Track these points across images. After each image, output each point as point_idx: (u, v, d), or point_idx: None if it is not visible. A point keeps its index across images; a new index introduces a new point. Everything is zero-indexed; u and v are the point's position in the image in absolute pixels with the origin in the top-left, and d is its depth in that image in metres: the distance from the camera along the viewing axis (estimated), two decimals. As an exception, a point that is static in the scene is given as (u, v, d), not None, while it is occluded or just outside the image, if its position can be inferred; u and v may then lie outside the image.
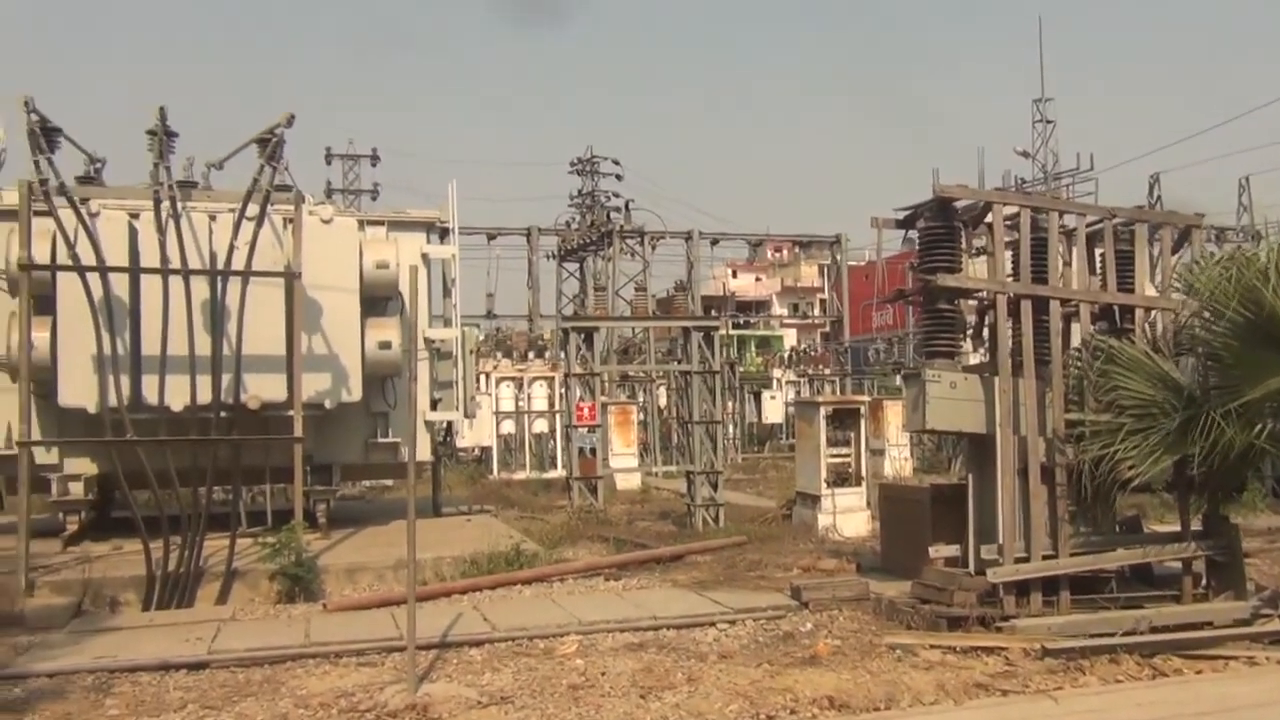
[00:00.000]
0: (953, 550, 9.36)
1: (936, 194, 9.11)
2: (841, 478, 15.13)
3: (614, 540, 13.67)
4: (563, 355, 26.92)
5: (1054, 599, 8.88)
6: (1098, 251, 9.78)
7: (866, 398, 21.57)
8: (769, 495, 20.28)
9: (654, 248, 39.61)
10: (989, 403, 9.01)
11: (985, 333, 9.67)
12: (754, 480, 24.70)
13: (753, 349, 54.49)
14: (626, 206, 40.80)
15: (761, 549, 13.10)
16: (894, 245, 33.29)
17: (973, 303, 9.61)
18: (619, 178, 44.97)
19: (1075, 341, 9.46)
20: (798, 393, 35.60)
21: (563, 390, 25.95)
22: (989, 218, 9.22)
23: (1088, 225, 9.69)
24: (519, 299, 45.44)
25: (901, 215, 9.55)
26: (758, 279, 76.94)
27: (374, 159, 44.83)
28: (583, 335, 17.27)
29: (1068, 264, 9.57)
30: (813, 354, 41.98)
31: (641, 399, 30.63)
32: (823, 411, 15.21)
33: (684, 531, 15.36)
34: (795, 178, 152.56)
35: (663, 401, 31.51)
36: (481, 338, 26.28)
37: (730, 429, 30.50)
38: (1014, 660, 7.74)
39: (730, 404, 30.80)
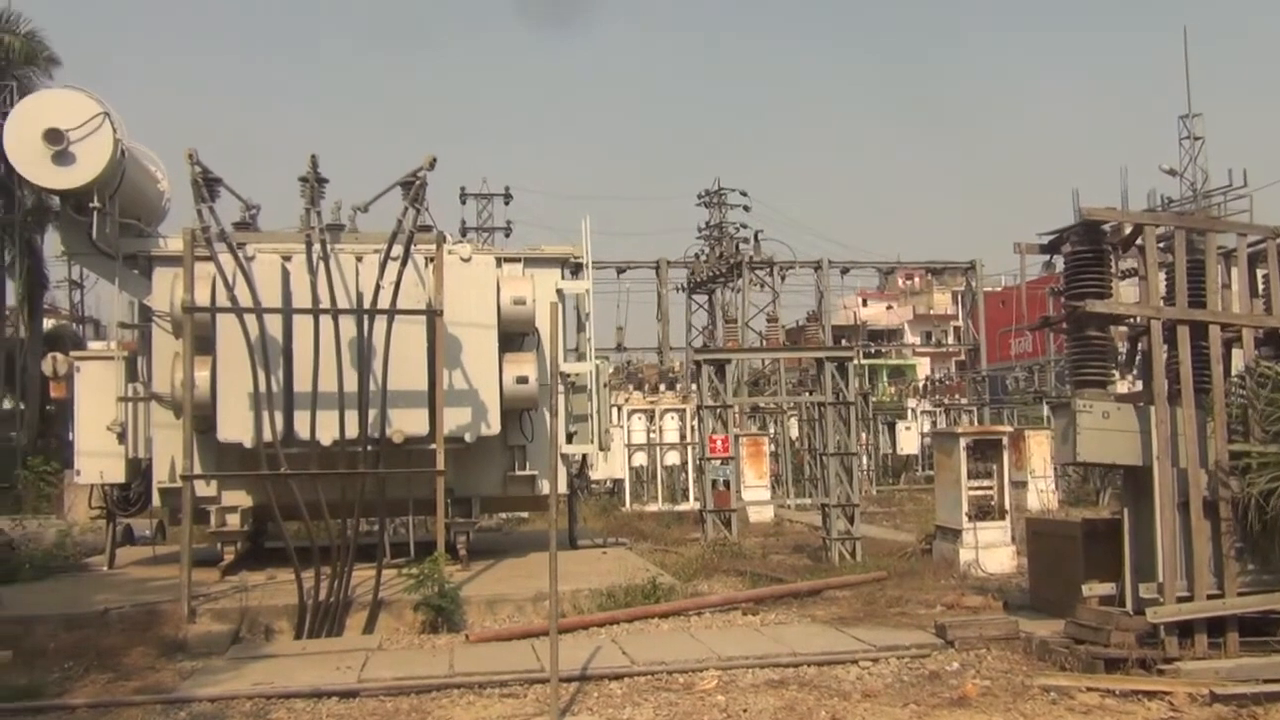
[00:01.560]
0: (1108, 588, 8.95)
1: (1083, 217, 8.81)
2: (983, 511, 14.64)
3: (750, 574, 13.54)
4: (694, 387, 27.04)
5: (1220, 641, 8.39)
6: (1260, 273, 9.28)
7: (1008, 428, 20.88)
8: (906, 529, 19.80)
9: (783, 278, 39.41)
10: (1144, 433, 8.62)
11: (1138, 360, 9.27)
12: (890, 513, 24.15)
13: (885, 378, 53.53)
14: (755, 237, 40.73)
15: (901, 585, 12.77)
16: (1031, 270, 32.24)
17: (1123, 329, 9.24)
18: (746, 209, 44.99)
19: (1237, 368, 8.99)
20: (933, 423, 34.78)
21: (694, 422, 26.07)
22: (1140, 240, 8.86)
23: (1249, 245, 9.21)
24: (648, 332, 45.83)
25: (1046, 239, 9.26)
26: (889, 307, 75.69)
27: (506, 197, 45.87)
28: (715, 367, 17.25)
29: (1227, 286, 9.11)
30: (948, 383, 40.96)
31: (772, 430, 30.39)
32: (963, 442, 14.77)
33: (820, 565, 15.11)
34: (925, 203, 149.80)
35: (794, 433, 31.20)
36: (612, 371, 26.50)
37: (864, 460, 29.96)
38: (1179, 706, 7.34)
39: (864, 435, 30.27)
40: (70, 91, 12.51)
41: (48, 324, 42.51)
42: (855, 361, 17.69)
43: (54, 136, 11.90)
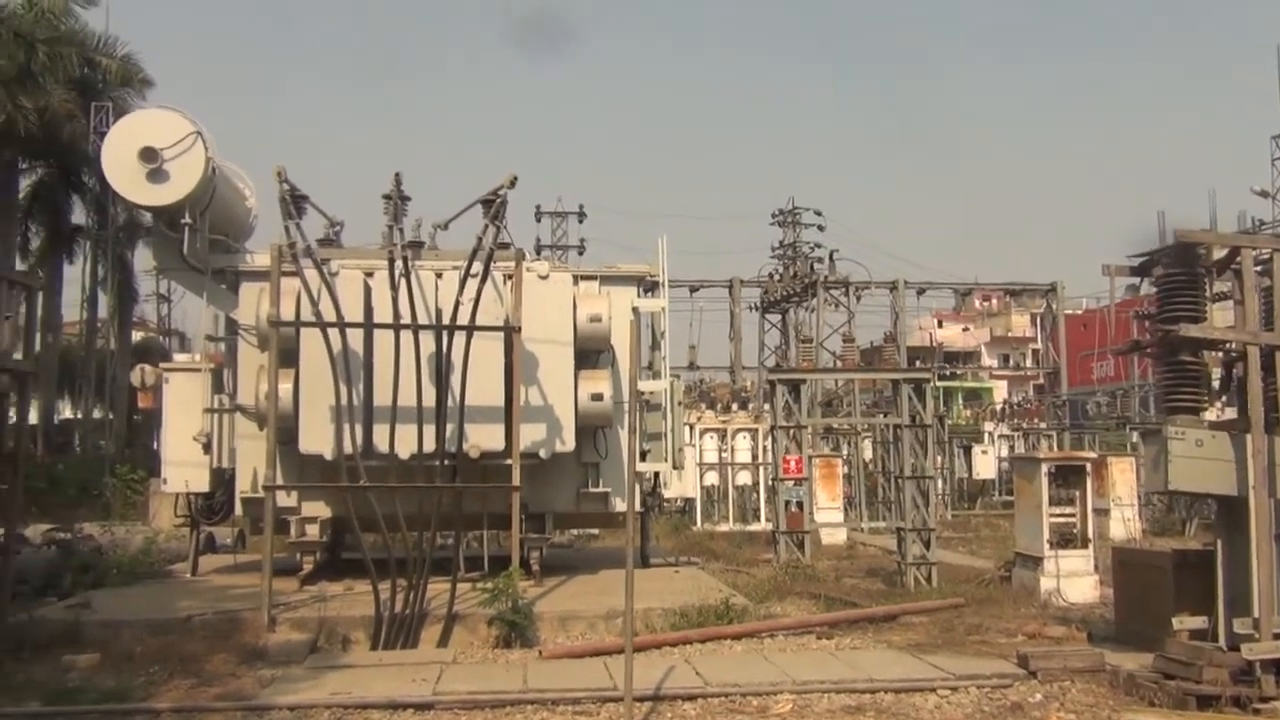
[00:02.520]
0: (1199, 622, 8.66)
1: (1177, 238, 8.57)
2: (1065, 539, 14.28)
3: (824, 598, 13.37)
4: (767, 407, 26.86)
5: (1321, 680, 8.05)
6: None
7: (1091, 454, 20.37)
8: (983, 555, 19.40)
9: (859, 298, 39.04)
10: (1239, 462, 8.33)
11: (1232, 386, 8.98)
12: (966, 539, 23.70)
13: (960, 401, 52.65)
14: (831, 257, 40.42)
15: (980, 612, 12.51)
16: (1110, 292, 31.45)
17: (1218, 354, 8.96)
18: (821, 228, 44.71)
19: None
20: (1011, 447, 34.06)
21: (766, 442, 25.89)
22: (1236, 263, 8.59)
23: (1353, 269, 8.85)
24: (721, 351, 45.68)
25: (1136, 261, 9.03)
26: (965, 329, 74.50)
27: (580, 215, 46.18)
28: (790, 387, 17.12)
29: (1328, 312, 8.77)
30: (1027, 406, 40.13)
31: (845, 452, 30.04)
32: (1045, 468, 14.44)
33: (894, 590, 14.87)
34: (1003, 224, 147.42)
35: (868, 454, 30.81)
36: (685, 389, 26.46)
37: (939, 485, 29.44)
38: (1277, 746, 7.05)
39: (939, 458, 29.76)
40: (165, 111, 12.88)
41: (136, 336, 43.90)
42: (932, 384, 17.41)
43: (149, 155, 12.26)
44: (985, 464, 33.50)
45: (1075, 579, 13.88)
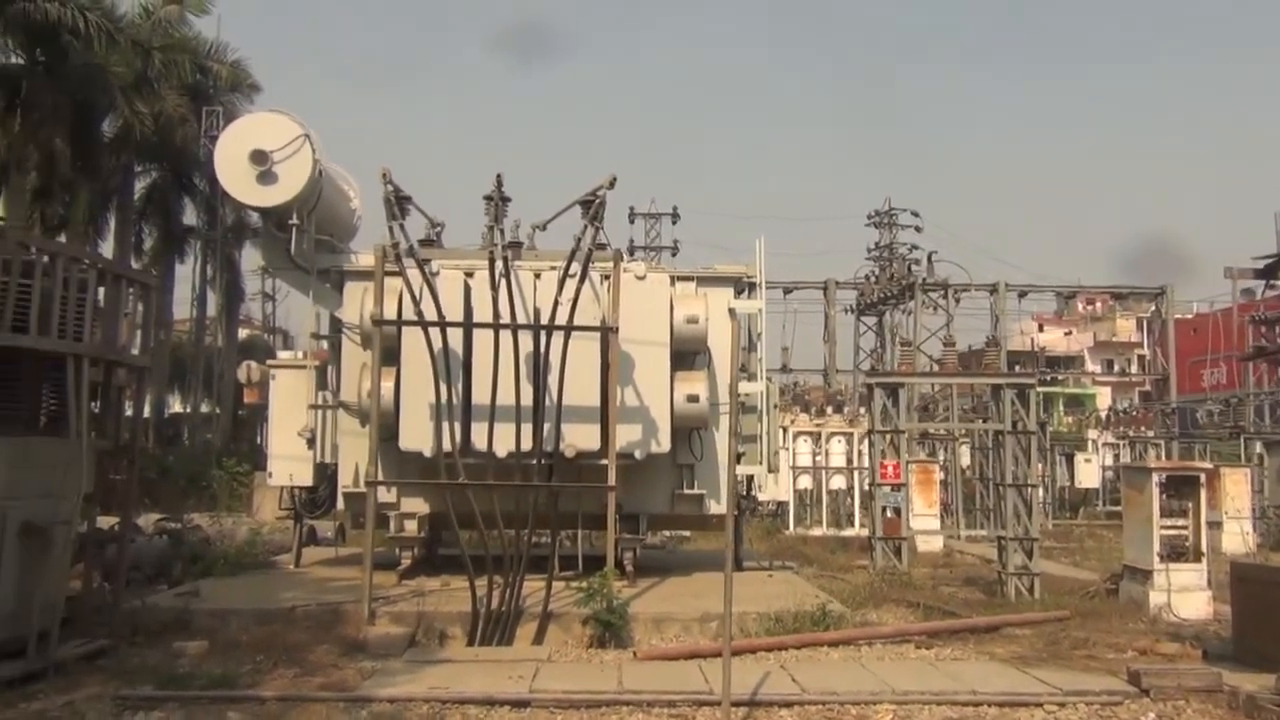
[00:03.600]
0: (1327, 643, 8.24)
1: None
2: (1176, 552, 13.73)
3: (922, 606, 13.10)
4: (862, 411, 26.46)
5: None
6: None
7: (1205, 464, 19.60)
8: (1087, 567, 18.83)
9: (958, 301, 38.25)
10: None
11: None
12: (1068, 549, 23.02)
13: (1061, 407, 51.18)
14: (929, 258, 39.66)
15: (1086, 625, 12.12)
16: (1222, 299, 30.32)
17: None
18: (918, 229, 43.91)
19: None
20: (1116, 456, 32.98)
21: (861, 446, 25.51)
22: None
23: None
24: (814, 353, 45.17)
25: (1262, 264, 8.62)
26: (1067, 333, 72.40)
27: (674, 216, 46.10)
28: (888, 391, 16.84)
29: None
30: (1133, 414, 38.82)
31: (942, 458, 29.45)
32: (1155, 478, 13.91)
33: (994, 601, 14.50)
34: (1108, 226, 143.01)
35: (965, 461, 30.14)
36: (778, 392, 26.23)
37: (1041, 493, 28.65)
38: None
39: (1041, 466, 28.96)
40: (274, 115, 13.22)
41: (242, 334, 45.24)
42: (1035, 389, 16.93)
43: (259, 157, 12.61)
44: (1088, 472, 32.50)
45: (1187, 594, 13.35)
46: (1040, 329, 66.34)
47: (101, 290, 10.10)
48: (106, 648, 9.69)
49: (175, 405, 45.17)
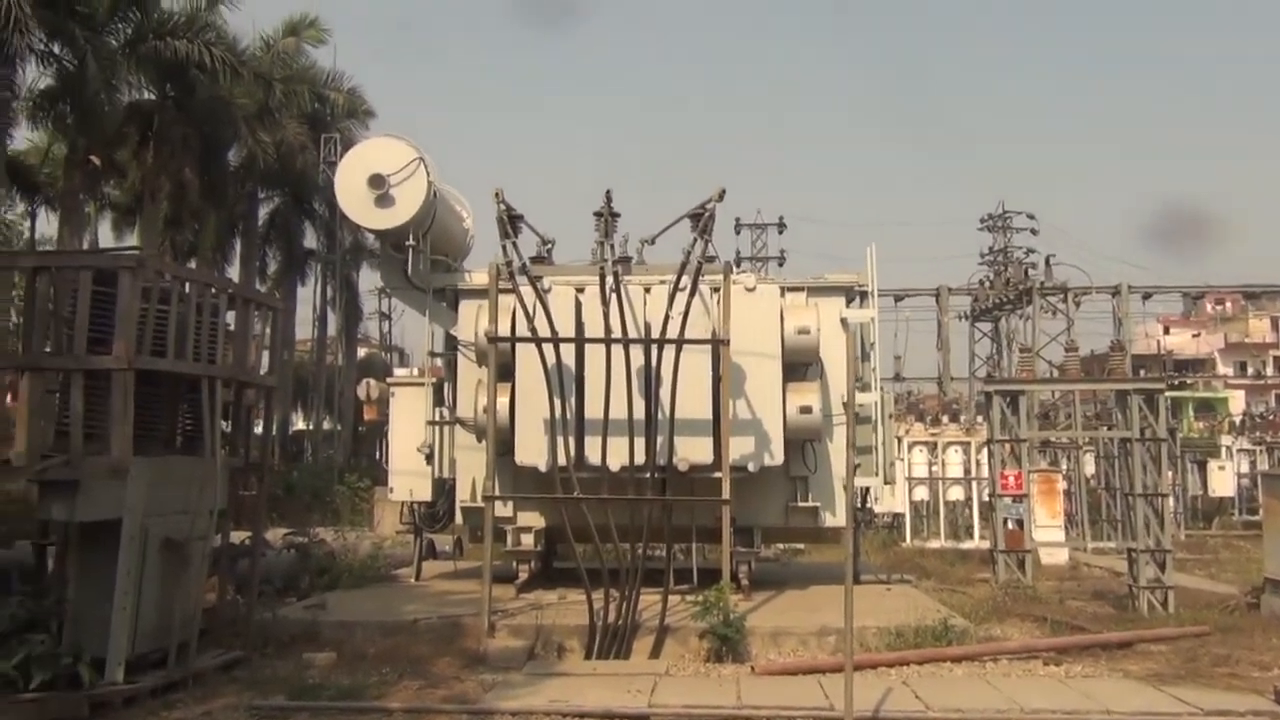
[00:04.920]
0: None
1: None
2: (1324, 564, 13.03)
3: (1049, 621, 12.68)
4: (980, 419, 25.83)
5: None
6: None
7: (1351, 472, 18.53)
8: (1225, 579, 17.99)
9: (1078, 304, 37.03)
10: None
11: None
12: (1203, 561, 22.03)
13: (1190, 413, 49.09)
14: (1047, 261, 38.51)
15: (1226, 642, 11.58)
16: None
17: None
18: (1034, 232, 42.70)
19: None
20: (1252, 463, 31.46)
21: (980, 456, 24.88)
22: None
23: None
24: (927, 361, 44.27)
25: None
26: (1196, 335, 69.48)
27: (780, 226, 45.80)
28: (1007, 399, 16.39)
29: None
30: (1270, 418, 36.99)
31: (1065, 467, 28.50)
32: (1299, 486, 13.23)
33: (1125, 615, 13.95)
34: (1238, 221, 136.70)
35: (1089, 470, 29.12)
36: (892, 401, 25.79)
37: (1172, 502, 27.48)
38: None
39: (1171, 474, 27.80)
40: (390, 139, 13.62)
41: (361, 353, 46.62)
42: (1164, 394, 16.27)
43: (377, 181, 13.00)
44: (1222, 480, 31.09)
45: (1337, 609, 12.65)
46: (1166, 331, 63.86)
47: (231, 314, 10.52)
48: (241, 658, 10.06)
49: (298, 423, 46.73)
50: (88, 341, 8.75)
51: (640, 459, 11.81)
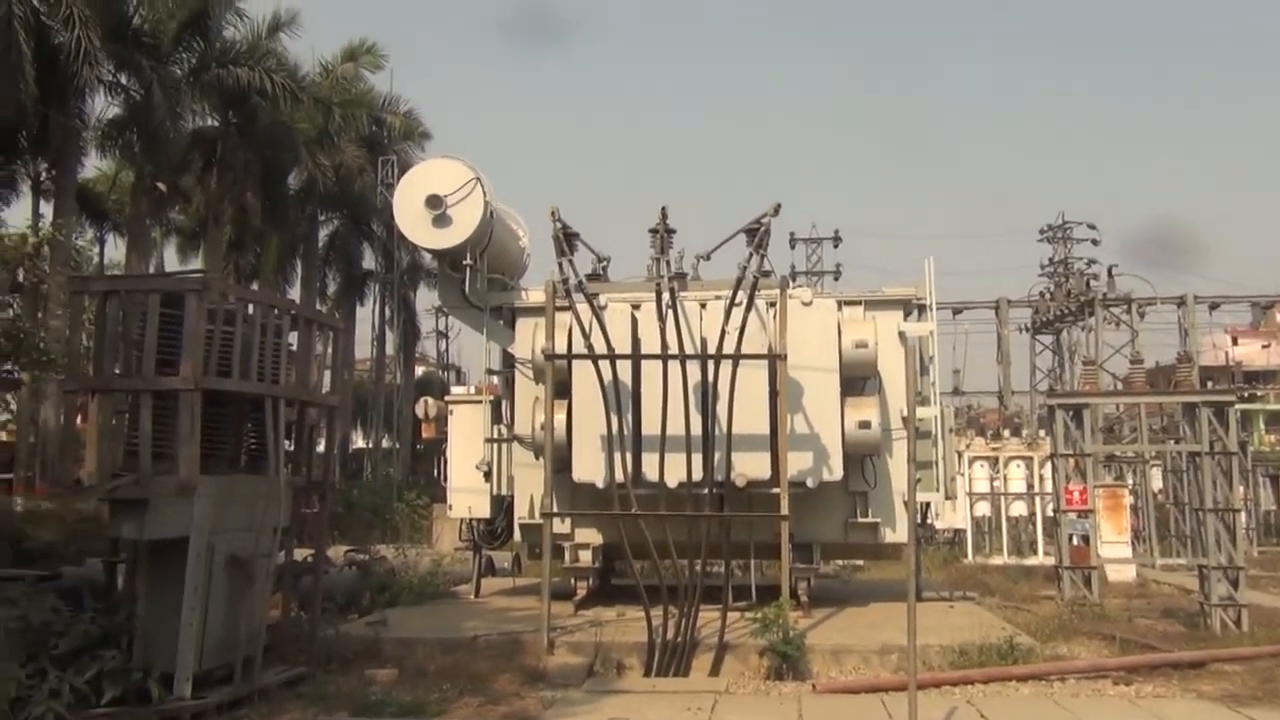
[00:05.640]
0: None
1: None
2: (1406, 581, 12.60)
3: (1118, 639, 12.39)
4: (1042, 434, 25.39)
5: None
6: None
7: None
8: (1302, 597, 17.45)
9: (1142, 315, 36.30)
10: None
11: None
12: (1276, 579, 21.40)
13: (1262, 425, 47.79)
14: (1109, 272, 37.83)
15: (1304, 661, 11.21)
16: None
17: None
18: (1095, 242, 41.98)
19: None
20: (1328, 478, 30.55)
21: (1042, 471, 24.46)
22: None
23: None
24: (987, 375, 43.69)
25: None
26: (1266, 345, 67.64)
27: (836, 240, 45.58)
28: (1071, 412, 16.10)
29: None
30: (1345, 431, 35.87)
31: (1131, 481, 27.89)
32: (1378, 501, 12.81)
33: (1197, 634, 13.58)
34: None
35: (1156, 485, 28.47)
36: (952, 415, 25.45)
37: (1243, 518, 26.74)
38: None
39: (1242, 489, 27.08)
40: (447, 160, 13.79)
41: (418, 371, 47.15)
42: (1235, 406, 15.86)
43: (434, 202, 13.16)
44: (1296, 496, 30.20)
45: None
46: (1234, 342, 62.21)
47: (293, 334, 10.70)
48: (304, 675, 10.17)
49: (357, 441, 47.33)
50: (156, 363, 8.94)
51: (698, 475, 11.79)
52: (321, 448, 12.68)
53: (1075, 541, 16.09)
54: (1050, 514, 20.48)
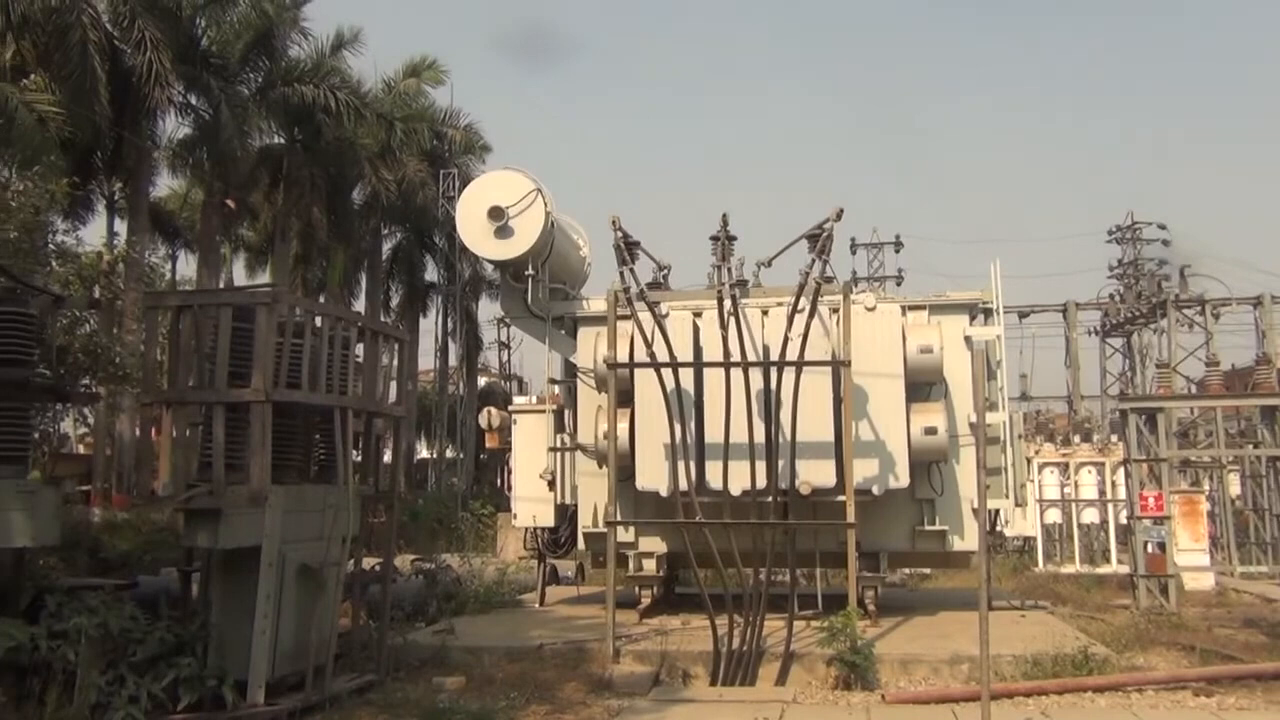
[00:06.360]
0: None
1: None
2: None
3: (1198, 650, 12.05)
4: (1114, 439, 24.83)
5: None
6: None
7: None
8: (1392, 607, 16.82)
9: (1217, 317, 35.40)
10: None
11: None
12: (1365, 586, 20.67)
13: (1345, 429, 46.24)
14: (1181, 273, 36.97)
15: (1400, 674, 10.78)
16: None
17: None
18: (1165, 243, 41.07)
19: None
20: None
21: (1115, 477, 23.90)
22: None
23: None
24: (1055, 379, 42.73)
25: None
26: (1348, 346, 65.57)
27: (897, 245, 45.15)
28: (1144, 417, 15.74)
29: None
30: None
31: (1208, 487, 27.15)
32: None
33: (1279, 644, 13.16)
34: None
35: (1234, 490, 27.68)
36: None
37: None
38: None
39: (1327, 494, 26.20)
40: (508, 172, 13.90)
41: (480, 381, 47.54)
42: (1317, 409, 15.40)
43: (496, 213, 13.28)
44: (1384, 501, 29.13)
45: None
46: (1314, 343, 60.38)
47: (360, 346, 10.85)
48: (373, 682, 10.28)
49: (421, 451, 47.86)
50: (228, 375, 9.12)
51: (762, 483, 11.72)
52: (388, 458, 12.82)
53: (1151, 549, 15.74)
54: (1124, 521, 20.02)
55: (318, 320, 10.12)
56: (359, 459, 10.91)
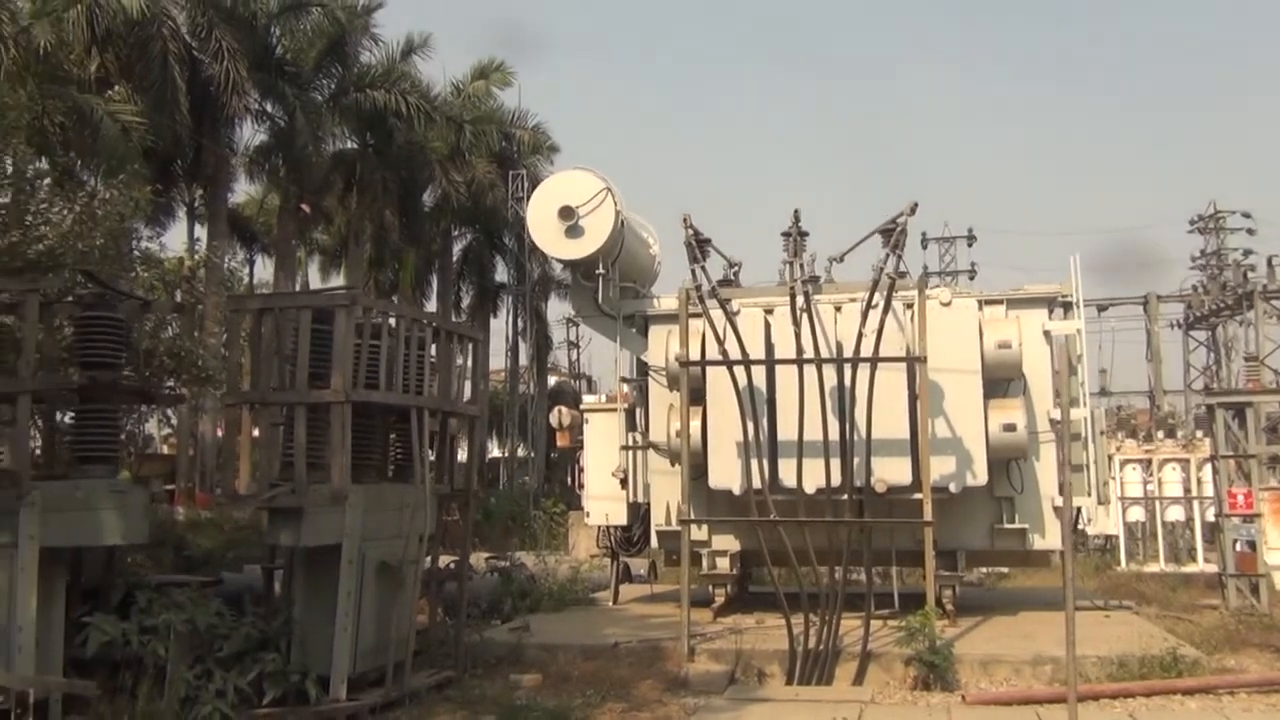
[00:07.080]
0: None
1: None
2: None
3: (1296, 652, 11.65)
4: (1200, 435, 24.13)
5: None
6: None
7: None
8: None
9: (1307, 307, 34.19)
10: None
11: None
12: None
13: None
14: (1269, 262, 35.75)
15: None
16: None
17: None
18: (1251, 232, 39.71)
19: None
20: None
21: (1200, 474, 23.21)
22: None
23: None
24: (1136, 374, 41.59)
25: None
26: None
27: (970, 239, 44.35)
28: (1232, 412, 15.26)
29: None
30: None
31: (1300, 484, 26.23)
32: None
33: (1379, 646, 12.66)
34: None
35: (1327, 487, 26.71)
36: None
37: None
38: None
39: None
40: (578, 172, 13.96)
41: (550, 381, 47.83)
42: None
43: (566, 213, 13.34)
44: None
45: None
46: None
47: (434, 346, 10.98)
48: (452, 678, 10.40)
49: (493, 450, 48.30)
50: (308, 376, 9.29)
51: (836, 481, 11.61)
52: (463, 457, 12.94)
53: (1240, 548, 15.24)
54: (1211, 519, 19.45)
55: (393, 321, 10.26)
56: (434, 458, 11.05)
